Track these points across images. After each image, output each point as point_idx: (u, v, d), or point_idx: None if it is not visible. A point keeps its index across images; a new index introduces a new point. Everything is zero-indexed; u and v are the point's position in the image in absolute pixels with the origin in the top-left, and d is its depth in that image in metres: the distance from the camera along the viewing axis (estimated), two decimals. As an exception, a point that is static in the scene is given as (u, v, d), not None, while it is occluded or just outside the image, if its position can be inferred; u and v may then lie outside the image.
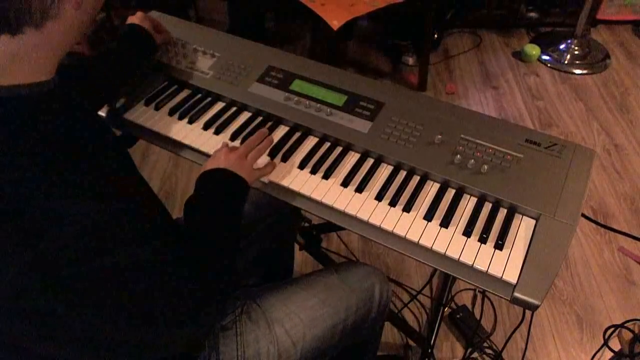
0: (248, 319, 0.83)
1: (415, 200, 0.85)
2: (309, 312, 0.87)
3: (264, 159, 0.90)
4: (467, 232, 0.80)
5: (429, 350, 1.35)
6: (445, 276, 1.58)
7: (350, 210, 0.84)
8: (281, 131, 0.98)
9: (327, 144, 0.96)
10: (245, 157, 0.84)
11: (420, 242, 0.79)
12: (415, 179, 0.89)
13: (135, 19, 1.03)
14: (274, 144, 0.94)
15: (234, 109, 1.03)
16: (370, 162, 0.92)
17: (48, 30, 0.53)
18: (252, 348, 0.81)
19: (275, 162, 0.91)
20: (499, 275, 0.75)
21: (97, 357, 0.59)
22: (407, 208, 0.84)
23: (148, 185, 0.71)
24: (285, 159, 0.93)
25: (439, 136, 0.91)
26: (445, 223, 0.82)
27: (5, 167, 0.47)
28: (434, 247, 0.79)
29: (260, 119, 1.01)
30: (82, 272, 0.49)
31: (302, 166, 0.91)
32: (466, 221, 0.82)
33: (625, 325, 1.36)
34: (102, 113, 1.03)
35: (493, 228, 0.81)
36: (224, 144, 0.88)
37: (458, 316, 1.46)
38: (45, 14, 0.51)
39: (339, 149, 0.95)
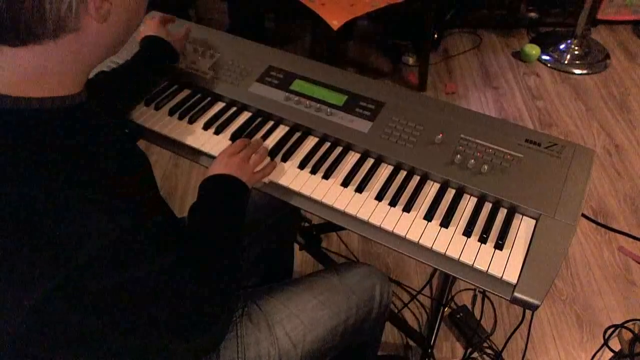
0: (249, 320, 0.83)
1: (415, 200, 0.85)
2: (310, 314, 0.87)
3: (264, 161, 0.90)
4: (467, 232, 0.80)
5: (429, 350, 1.35)
6: (445, 276, 1.58)
7: (350, 210, 0.84)
8: (281, 131, 0.98)
9: (327, 144, 0.96)
10: (247, 161, 0.85)
11: (420, 242, 0.79)
12: (415, 179, 0.89)
13: (149, 29, 1.00)
14: (274, 143, 0.94)
15: (234, 109, 1.03)
16: (370, 162, 0.92)
17: (69, 43, 0.50)
18: (252, 350, 0.81)
19: (275, 162, 0.91)
20: (499, 275, 0.75)
21: None
22: (407, 208, 0.84)
23: (157, 190, 0.72)
24: (285, 159, 0.93)
25: (439, 136, 0.91)
26: (445, 223, 0.82)
27: (28, 183, 0.47)
28: (434, 247, 0.79)
29: (260, 119, 1.01)
30: (105, 286, 0.49)
31: (302, 166, 0.91)
32: (466, 221, 0.82)
33: (625, 325, 1.36)
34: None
35: (493, 228, 0.81)
36: (229, 147, 0.88)
37: (458, 316, 1.46)
38: (60, 25, 0.49)
39: (339, 149, 0.95)
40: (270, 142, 0.96)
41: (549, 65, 2.47)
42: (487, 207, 0.85)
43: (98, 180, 0.52)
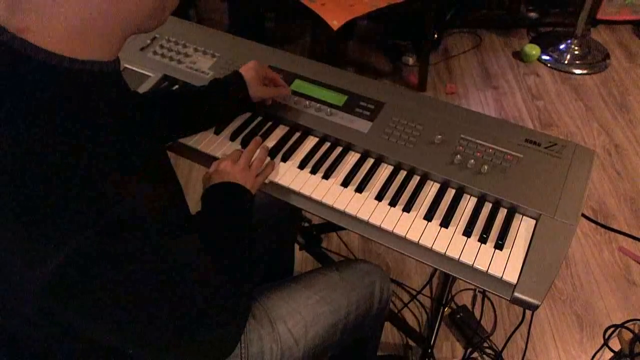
0: (251, 317, 0.83)
1: (415, 200, 0.85)
2: (311, 310, 0.87)
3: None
4: (467, 232, 0.80)
5: (429, 350, 1.35)
6: (445, 276, 1.58)
7: (350, 210, 0.84)
8: (281, 131, 0.98)
9: (327, 144, 0.96)
10: (248, 167, 0.85)
11: (420, 242, 0.80)
12: (415, 179, 0.89)
13: (245, 67, 0.95)
14: (274, 143, 0.95)
15: (234, 109, 1.03)
16: (370, 162, 0.92)
17: None
18: (255, 346, 0.81)
19: (273, 162, 0.91)
20: (499, 275, 0.75)
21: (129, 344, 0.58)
22: (407, 208, 0.84)
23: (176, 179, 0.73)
24: (285, 159, 0.93)
25: (439, 136, 0.91)
26: (445, 223, 0.82)
27: (61, 141, 0.47)
28: (434, 247, 0.79)
29: (260, 118, 1.01)
30: (138, 249, 0.50)
31: (302, 166, 0.91)
32: (466, 221, 0.82)
33: (625, 325, 1.36)
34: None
35: (493, 228, 0.81)
36: (227, 157, 0.88)
37: (458, 316, 1.46)
38: None
39: (339, 149, 0.95)
40: (270, 142, 0.96)
41: (549, 65, 2.47)
42: (487, 207, 0.85)
43: (129, 146, 0.54)
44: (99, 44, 0.53)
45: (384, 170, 0.91)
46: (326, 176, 0.90)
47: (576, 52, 2.49)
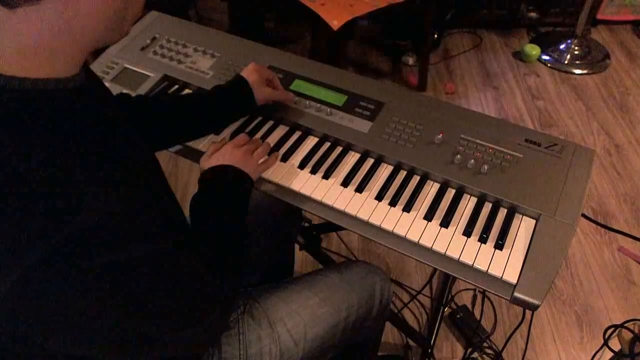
0: (250, 318, 0.83)
1: (415, 200, 0.85)
2: (310, 311, 0.87)
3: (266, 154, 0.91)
4: (467, 232, 0.80)
5: (429, 350, 1.35)
6: (445, 276, 1.58)
7: (350, 210, 0.84)
8: (281, 131, 0.98)
9: (327, 144, 0.96)
10: (251, 153, 0.85)
11: (420, 242, 0.80)
12: (415, 179, 0.89)
13: (246, 70, 0.93)
14: (274, 143, 0.95)
15: (234, 109, 1.03)
16: (370, 162, 0.92)
17: (62, 8, 0.49)
18: (254, 347, 0.81)
19: (277, 153, 0.91)
20: (499, 275, 0.75)
21: (106, 350, 0.58)
22: (407, 208, 0.84)
23: (168, 184, 0.72)
24: (285, 159, 0.93)
25: (439, 136, 0.91)
26: (445, 223, 0.82)
27: (25, 156, 0.47)
28: (434, 247, 0.79)
29: (259, 118, 1.01)
30: (98, 263, 0.48)
31: (302, 166, 0.91)
32: (466, 221, 0.82)
33: (625, 325, 1.35)
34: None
35: (493, 228, 0.81)
36: (230, 141, 0.88)
37: (458, 316, 1.46)
38: None
39: (339, 149, 0.95)
40: (270, 142, 0.95)
41: (549, 65, 2.47)
42: (487, 207, 0.85)
43: (101, 155, 0.52)
44: (52, 63, 0.52)
45: (384, 170, 0.91)
46: (326, 176, 0.90)
47: (576, 52, 2.49)
